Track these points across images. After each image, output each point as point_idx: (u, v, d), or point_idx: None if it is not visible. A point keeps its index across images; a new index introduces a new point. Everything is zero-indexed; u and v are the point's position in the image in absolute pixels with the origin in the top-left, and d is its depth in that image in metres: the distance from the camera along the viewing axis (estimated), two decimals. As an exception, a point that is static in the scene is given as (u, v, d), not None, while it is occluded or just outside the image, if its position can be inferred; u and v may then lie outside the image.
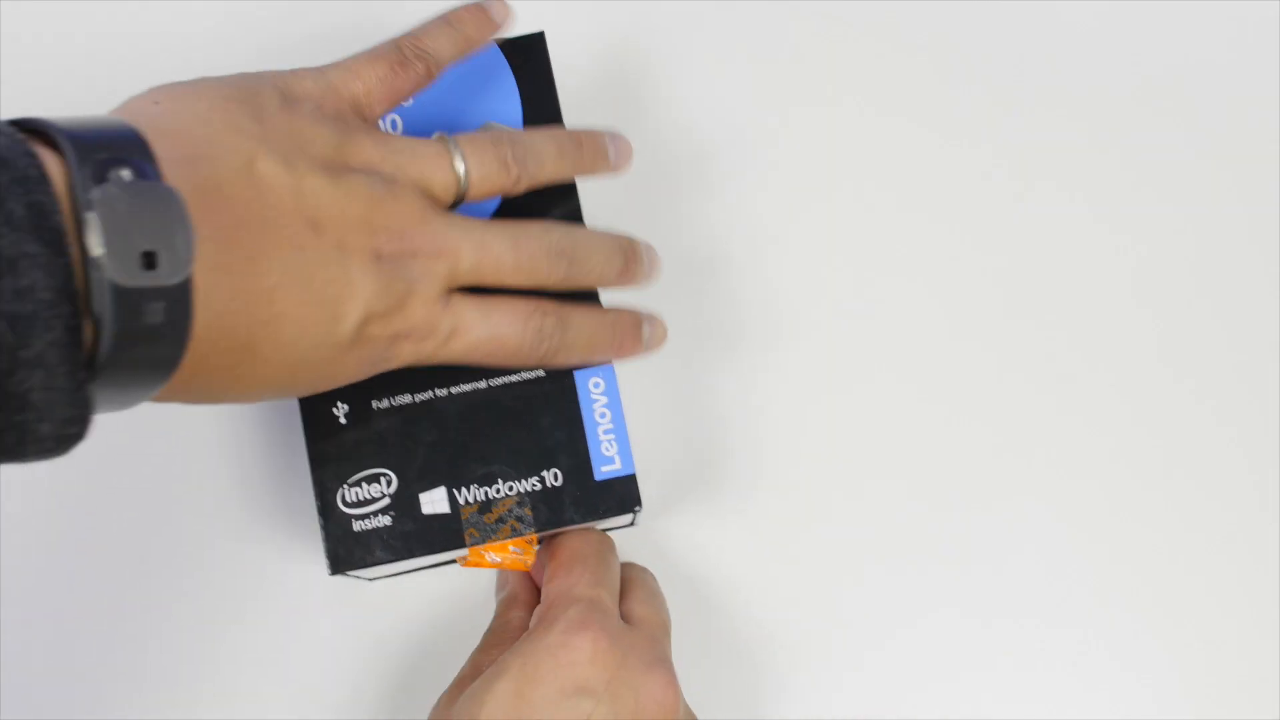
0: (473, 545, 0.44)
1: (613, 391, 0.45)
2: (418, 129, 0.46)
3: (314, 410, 0.44)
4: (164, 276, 0.31)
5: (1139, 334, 0.53)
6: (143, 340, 0.31)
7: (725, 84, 0.54)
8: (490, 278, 0.41)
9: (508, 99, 0.47)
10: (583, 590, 0.44)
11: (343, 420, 0.44)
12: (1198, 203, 0.54)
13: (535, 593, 0.47)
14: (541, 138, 0.43)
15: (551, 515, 0.44)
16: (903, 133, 0.54)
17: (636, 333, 0.45)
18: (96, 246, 0.30)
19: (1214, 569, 0.51)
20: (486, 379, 0.45)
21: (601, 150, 0.45)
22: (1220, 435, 0.52)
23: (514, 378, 0.45)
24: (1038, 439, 0.52)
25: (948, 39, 0.55)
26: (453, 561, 0.46)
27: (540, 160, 0.43)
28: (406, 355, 0.40)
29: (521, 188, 0.43)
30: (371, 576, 0.43)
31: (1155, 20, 0.55)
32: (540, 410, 0.45)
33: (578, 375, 0.45)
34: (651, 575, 0.48)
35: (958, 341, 0.52)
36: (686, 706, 0.44)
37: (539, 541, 0.46)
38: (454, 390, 0.45)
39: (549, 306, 0.42)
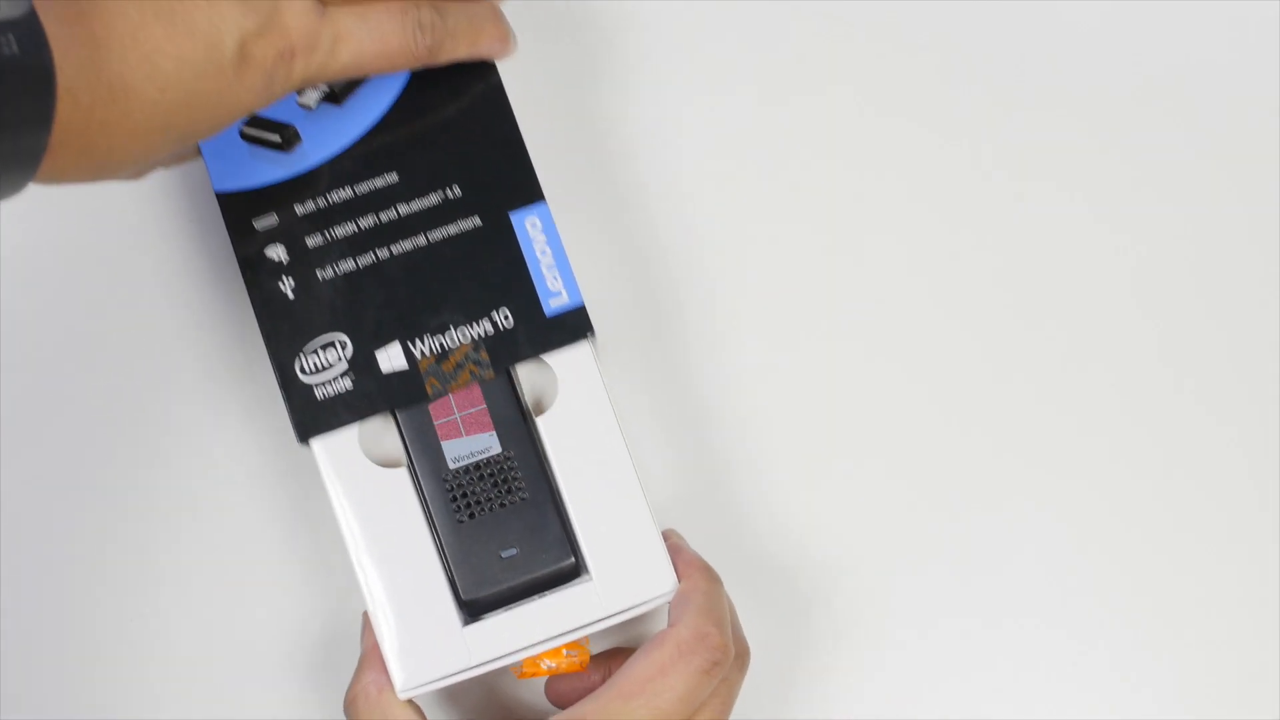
0: (435, 396, 0.44)
1: (550, 229, 0.45)
2: None
3: (261, 290, 0.45)
4: (5, 11, 0.34)
5: (1139, 334, 0.53)
6: (7, 74, 0.34)
7: (725, 84, 0.54)
8: None
9: None
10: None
11: (290, 295, 0.45)
12: (1198, 203, 0.53)
13: None
14: None
15: (506, 353, 0.44)
16: (903, 133, 0.54)
17: (505, 22, 0.46)
18: None
19: (1214, 569, 0.51)
20: (425, 233, 0.45)
21: None
22: (1220, 436, 0.52)
23: (452, 229, 0.45)
24: (1038, 439, 0.52)
25: (948, 39, 0.54)
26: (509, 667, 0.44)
27: None
28: (299, 72, 0.41)
29: None
30: (436, 690, 0.42)
31: (1155, 20, 0.55)
32: (482, 256, 0.45)
33: (513, 216, 0.45)
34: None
35: (958, 342, 0.52)
36: None
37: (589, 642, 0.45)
38: (395, 250, 0.45)
39: (423, 1, 0.43)
